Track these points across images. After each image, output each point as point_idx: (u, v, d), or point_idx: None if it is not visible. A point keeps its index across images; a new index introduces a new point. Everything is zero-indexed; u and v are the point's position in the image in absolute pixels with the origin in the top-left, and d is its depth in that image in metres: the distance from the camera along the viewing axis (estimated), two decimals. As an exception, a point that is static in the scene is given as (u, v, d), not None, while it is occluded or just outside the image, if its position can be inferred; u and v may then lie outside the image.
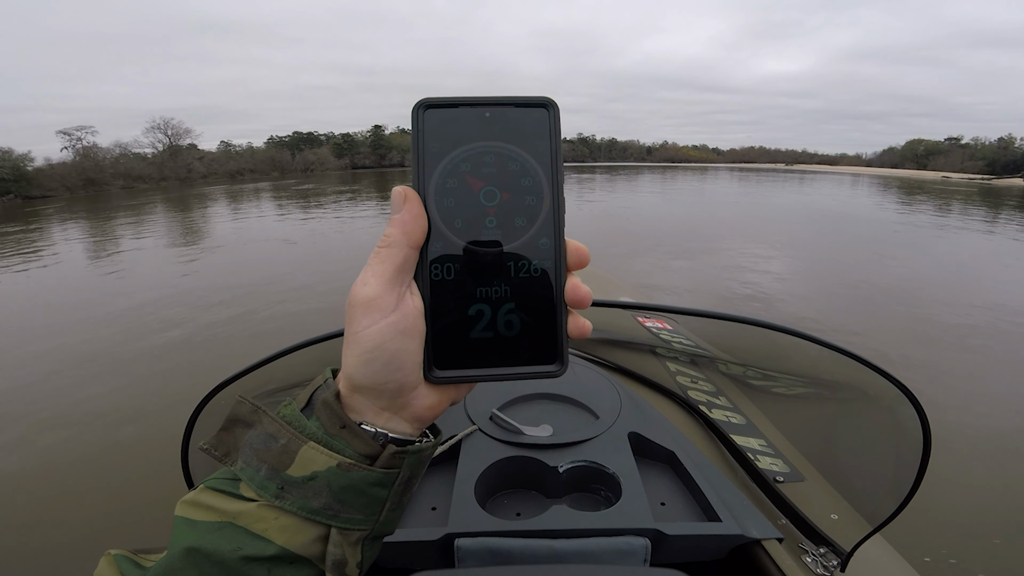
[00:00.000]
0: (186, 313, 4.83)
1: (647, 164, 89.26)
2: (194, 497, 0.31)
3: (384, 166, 75.20)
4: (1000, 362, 3.69)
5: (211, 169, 45.98)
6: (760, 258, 7.26)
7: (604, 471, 0.74)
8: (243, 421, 0.32)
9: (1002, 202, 18.70)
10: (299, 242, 9.12)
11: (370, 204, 15.82)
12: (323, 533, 0.30)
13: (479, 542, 0.61)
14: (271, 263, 7.28)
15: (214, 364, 3.56)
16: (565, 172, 0.32)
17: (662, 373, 1.20)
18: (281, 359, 0.75)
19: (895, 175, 51.92)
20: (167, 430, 0.84)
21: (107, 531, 1.96)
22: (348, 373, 0.30)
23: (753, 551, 0.65)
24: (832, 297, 5.44)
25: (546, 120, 0.31)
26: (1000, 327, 4.40)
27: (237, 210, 15.42)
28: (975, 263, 7.43)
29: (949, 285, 5.96)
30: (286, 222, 12.18)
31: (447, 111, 0.30)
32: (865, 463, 0.80)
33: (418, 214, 0.29)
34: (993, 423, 2.76)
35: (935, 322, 4.54)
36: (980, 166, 68.61)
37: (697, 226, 10.51)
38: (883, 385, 0.64)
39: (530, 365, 0.31)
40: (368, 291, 0.29)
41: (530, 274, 0.31)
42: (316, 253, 8.03)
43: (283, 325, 4.43)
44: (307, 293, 5.51)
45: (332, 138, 74.28)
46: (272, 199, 19.13)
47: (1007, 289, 5.73)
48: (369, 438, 0.31)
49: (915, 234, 9.95)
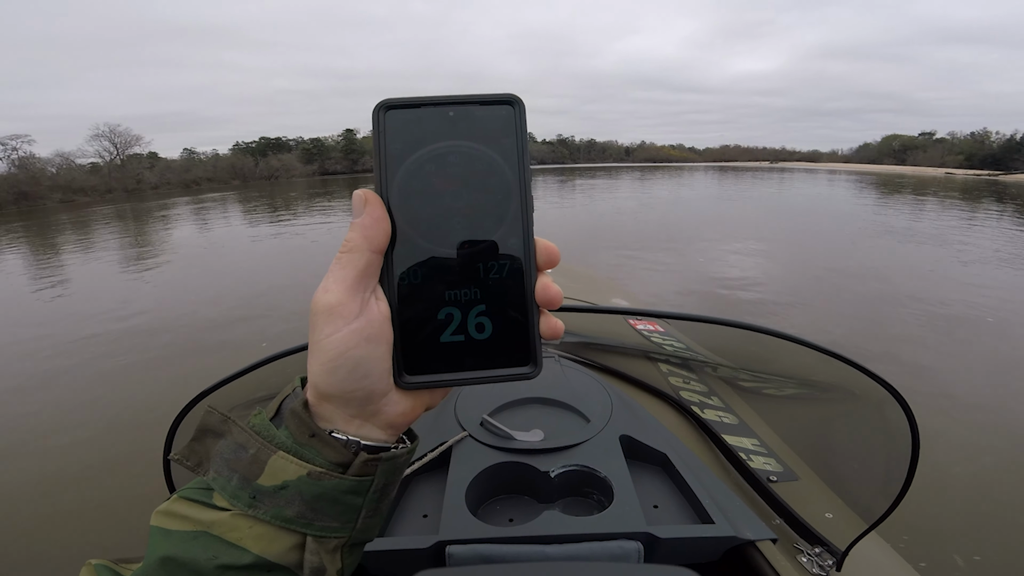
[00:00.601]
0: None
1: (629, 164, 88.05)
2: (168, 507, 0.31)
3: (357, 171, 71.86)
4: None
5: (164, 179, 42.72)
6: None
7: (596, 475, 0.75)
8: (213, 431, 0.33)
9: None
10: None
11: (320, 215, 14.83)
12: (299, 541, 0.31)
13: (470, 549, 0.61)
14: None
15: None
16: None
17: (654, 375, 1.22)
18: (265, 367, 0.75)
19: (891, 172, 51.12)
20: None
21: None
22: (314, 382, 0.30)
23: (747, 552, 0.66)
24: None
25: (512, 117, 0.30)
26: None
27: (163, 227, 14.09)
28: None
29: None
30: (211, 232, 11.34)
31: (409, 111, 0.30)
32: (857, 462, 0.82)
33: (379, 217, 0.29)
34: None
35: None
36: (959, 160, 68.31)
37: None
38: (871, 385, 0.67)
39: (503, 368, 0.31)
40: (330, 298, 0.28)
41: (500, 275, 0.30)
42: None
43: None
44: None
45: (301, 143, 70.47)
46: (219, 211, 18.13)
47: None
48: (340, 446, 0.31)
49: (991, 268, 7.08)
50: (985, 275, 6.22)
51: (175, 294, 6.08)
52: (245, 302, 5.46)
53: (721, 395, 1.14)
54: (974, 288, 5.52)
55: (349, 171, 73.35)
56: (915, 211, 13.65)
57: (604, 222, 11.68)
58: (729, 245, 8.16)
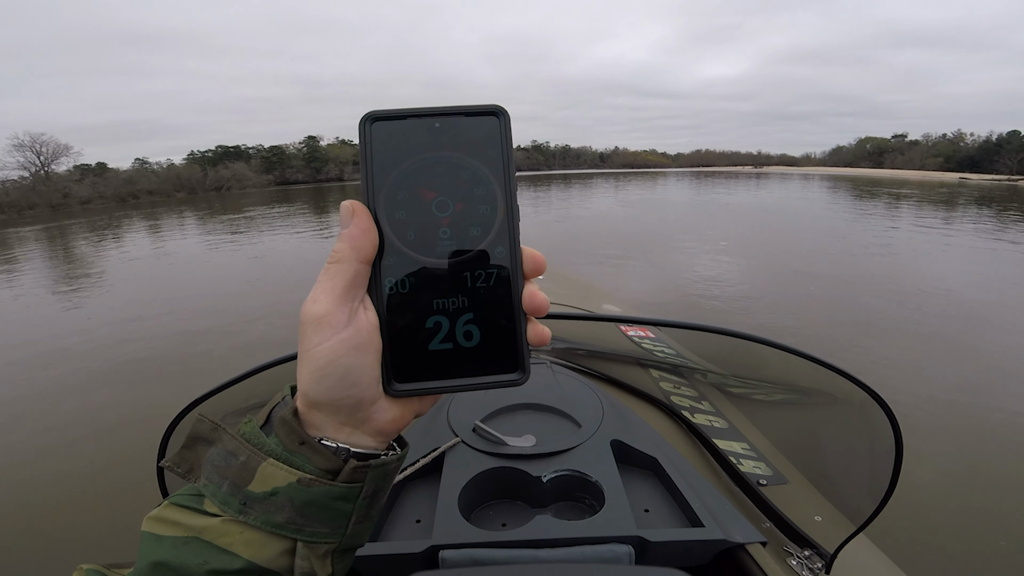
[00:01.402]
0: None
1: (607, 171, 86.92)
2: (159, 513, 0.32)
3: (320, 180, 67.96)
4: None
5: (98, 192, 38.34)
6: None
7: (587, 479, 0.76)
8: (204, 439, 0.33)
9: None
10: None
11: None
12: (289, 547, 0.31)
13: (463, 553, 0.63)
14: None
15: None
16: (519, 181, 0.32)
17: (645, 380, 1.25)
18: (256, 376, 0.76)
19: (896, 176, 49.31)
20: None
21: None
22: (303, 390, 0.31)
23: (737, 555, 0.68)
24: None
25: (497, 128, 0.31)
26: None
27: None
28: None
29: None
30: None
31: (395, 123, 0.31)
32: (845, 465, 0.84)
33: (367, 228, 0.30)
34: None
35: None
36: (939, 163, 68.01)
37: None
38: (853, 388, 0.69)
39: (492, 375, 0.32)
40: (318, 308, 0.29)
41: (487, 283, 0.31)
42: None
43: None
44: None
45: (260, 152, 66.45)
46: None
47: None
48: (330, 453, 0.31)
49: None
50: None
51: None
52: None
53: (711, 400, 1.16)
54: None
55: (311, 180, 69.58)
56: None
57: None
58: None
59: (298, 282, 6.68)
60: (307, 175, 70.78)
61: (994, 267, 7.28)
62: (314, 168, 71.99)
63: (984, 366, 3.69)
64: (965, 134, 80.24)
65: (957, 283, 6.18)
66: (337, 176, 72.24)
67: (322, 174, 72.00)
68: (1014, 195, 23.65)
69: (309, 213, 17.99)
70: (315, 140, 74.90)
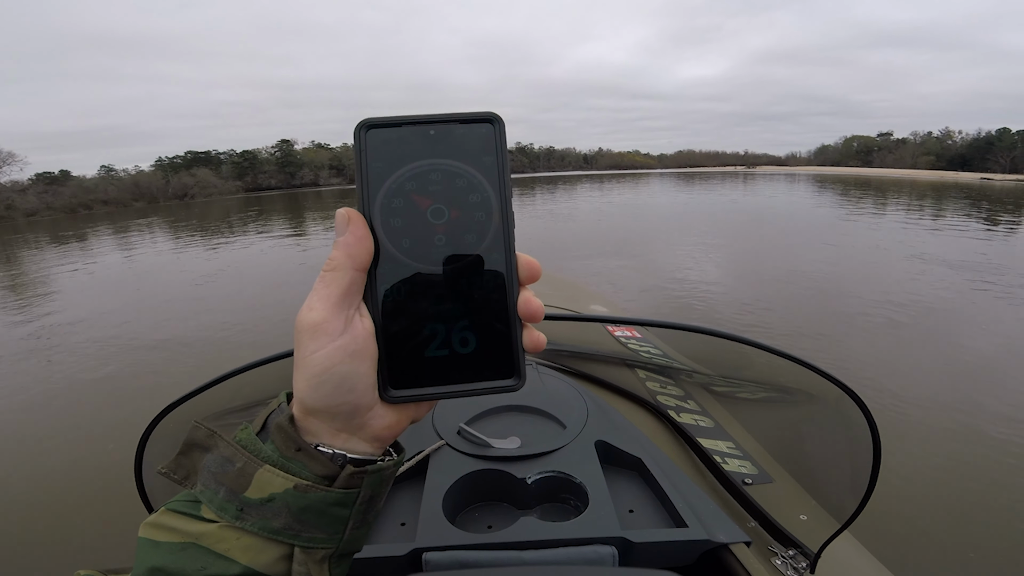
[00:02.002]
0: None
1: (593, 172, 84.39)
2: (156, 519, 0.32)
3: (294, 186, 65.26)
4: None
5: (46, 203, 35.66)
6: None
7: (572, 481, 0.77)
8: (200, 445, 0.34)
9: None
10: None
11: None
12: (286, 552, 0.32)
13: (447, 555, 0.64)
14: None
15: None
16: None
17: (631, 380, 1.26)
18: (234, 378, 0.77)
19: (902, 177, 46.95)
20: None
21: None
22: (300, 397, 0.32)
23: (722, 555, 0.69)
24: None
25: (492, 135, 0.31)
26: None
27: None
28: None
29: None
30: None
31: (390, 130, 0.31)
32: (827, 463, 0.85)
33: (363, 236, 0.30)
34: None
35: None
36: (931, 161, 67.13)
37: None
38: (831, 386, 0.70)
39: (488, 381, 0.32)
40: (314, 316, 0.30)
41: (482, 290, 0.32)
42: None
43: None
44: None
45: (232, 157, 63.67)
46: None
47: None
48: (326, 459, 0.32)
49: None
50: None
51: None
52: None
53: (697, 399, 1.17)
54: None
55: (285, 186, 66.85)
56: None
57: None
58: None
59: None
60: (280, 180, 68.29)
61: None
62: (288, 173, 69.43)
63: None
64: (953, 132, 79.71)
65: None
66: (312, 181, 69.92)
67: (296, 179, 69.56)
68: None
69: (275, 226, 16.30)
70: (289, 144, 72.19)
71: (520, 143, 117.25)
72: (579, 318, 1.62)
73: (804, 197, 21.63)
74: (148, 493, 0.74)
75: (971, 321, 4.85)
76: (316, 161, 71.69)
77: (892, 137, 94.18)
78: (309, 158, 72.07)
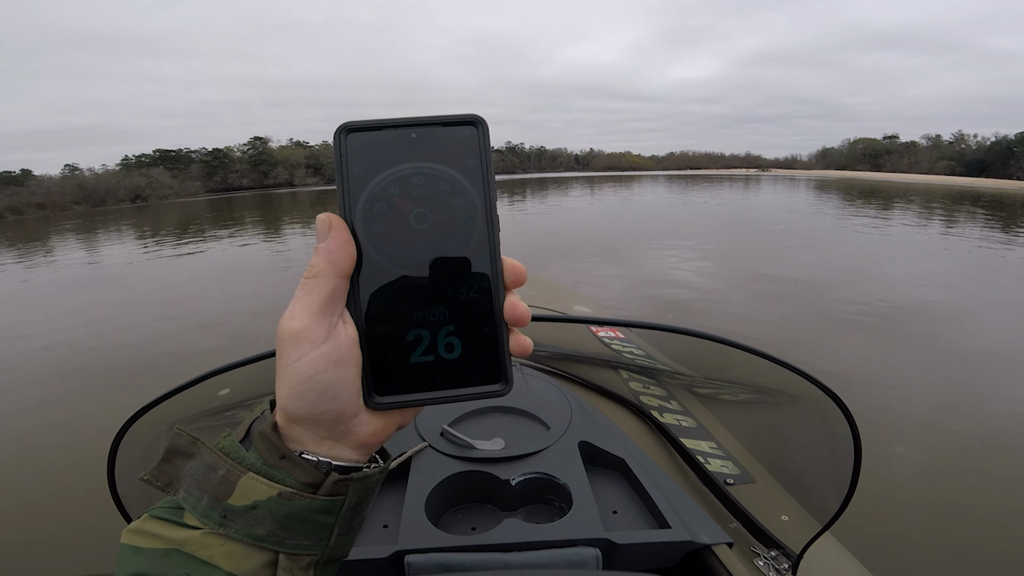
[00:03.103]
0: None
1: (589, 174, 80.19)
2: (139, 526, 0.33)
3: (268, 186, 60.99)
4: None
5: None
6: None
7: (555, 482, 0.79)
8: (183, 452, 0.35)
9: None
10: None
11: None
12: (271, 559, 0.32)
13: (429, 558, 0.65)
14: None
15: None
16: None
17: (615, 380, 1.28)
18: (206, 382, 0.78)
19: (937, 183, 43.07)
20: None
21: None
22: (283, 405, 0.32)
23: (705, 557, 0.70)
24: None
25: (475, 138, 0.32)
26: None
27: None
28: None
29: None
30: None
31: (371, 134, 0.31)
32: (809, 464, 0.87)
33: (344, 241, 0.30)
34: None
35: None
36: (949, 166, 63.31)
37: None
38: (811, 387, 0.72)
39: (474, 386, 0.33)
40: (296, 324, 0.30)
41: (467, 295, 0.32)
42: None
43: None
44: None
45: (201, 155, 59.53)
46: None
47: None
48: (311, 467, 0.33)
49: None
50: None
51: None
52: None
53: (680, 400, 1.19)
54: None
55: (258, 186, 62.56)
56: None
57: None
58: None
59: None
60: (253, 180, 64.08)
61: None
62: (261, 172, 65.26)
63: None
64: (966, 135, 76.03)
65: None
66: (287, 181, 65.98)
67: (270, 179, 65.29)
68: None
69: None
70: (263, 141, 68.05)
71: (510, 142, 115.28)
72: (563, 319, 1.63)
73: (904, 218, 15.06)
74: (121, 497, 0.75)
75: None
76: (291, 159, 67.93)
77: (898, 140, 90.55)
78: (283, 156, 68.20)
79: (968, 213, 16.45)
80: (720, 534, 0.71)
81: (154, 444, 0.76)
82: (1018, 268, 7.52)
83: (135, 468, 0.73)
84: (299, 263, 8.76)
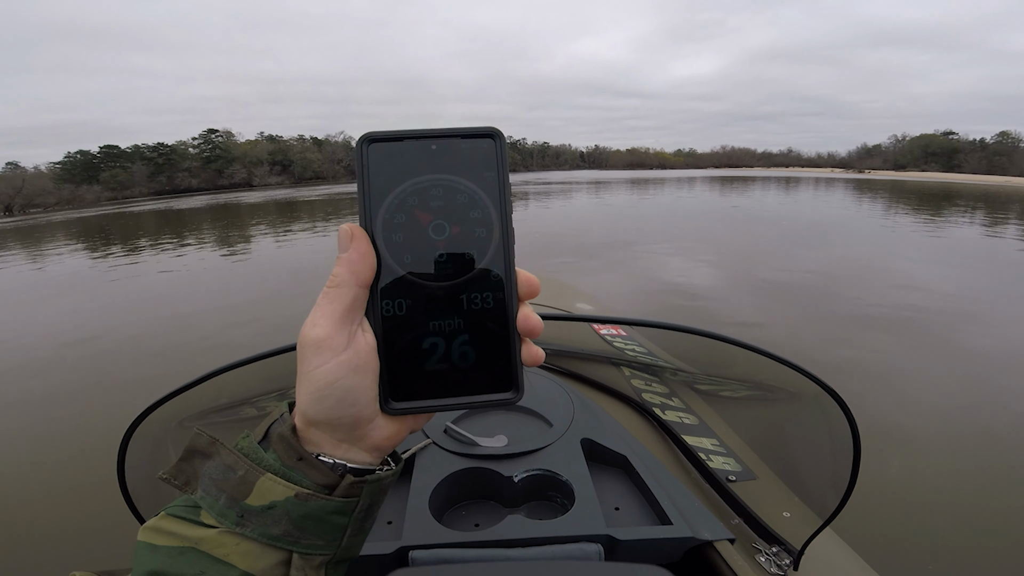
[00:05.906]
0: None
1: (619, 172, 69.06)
2: (156, 523, 0.35)
3: (221, 187, 51.17)
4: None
5: None
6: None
7: (558, 479, 0.84)
8: (201, 452, 0.37)
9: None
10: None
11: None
12: (285, 558, 0.35)
13: (433, 553, 0.69)
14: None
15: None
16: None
17: (617, 378, 1.32)
18: (208, 381, 0.82)
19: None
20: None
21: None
22: (302, 409, 0.35)
23: (707, 553, 0.74)
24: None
25: (493, 150, 0.33)
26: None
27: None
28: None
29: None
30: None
31: (392, 144, 0.33)
32: (810, 460, 0.90)
33: (366, 252, 0.32)
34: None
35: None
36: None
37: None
38: (810, 384, 0.76)
39: (486, 394, 0.35)
40: (318, 332, 0.32)
41: (482, 306, 0.34)
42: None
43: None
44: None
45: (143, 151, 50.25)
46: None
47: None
48: (327, 469, 0.35)
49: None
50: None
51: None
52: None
53: (682, 397, 1.23)
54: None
55: (210, 187, 53.03)
56: None
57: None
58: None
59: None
60: (205, 180, 54.92)
61: None
62: (215, 171, 55.88)
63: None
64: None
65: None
66: (245, 180, 56.28)
67: (224, 177, 55.79)
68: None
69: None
70: (215, 133, 58.93)
71: (511, 137, 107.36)
72: (567, 317, 1.65)
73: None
74: (132, 493, 0.79)
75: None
76: (251, 155, 58.71)
77: (957, 137, 77.88)
78: (241, 152, 59.93)
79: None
80: (722, 530, 0.75)
81: (162, 440, 0.80)
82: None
83: (143, 464, 0.77)
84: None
